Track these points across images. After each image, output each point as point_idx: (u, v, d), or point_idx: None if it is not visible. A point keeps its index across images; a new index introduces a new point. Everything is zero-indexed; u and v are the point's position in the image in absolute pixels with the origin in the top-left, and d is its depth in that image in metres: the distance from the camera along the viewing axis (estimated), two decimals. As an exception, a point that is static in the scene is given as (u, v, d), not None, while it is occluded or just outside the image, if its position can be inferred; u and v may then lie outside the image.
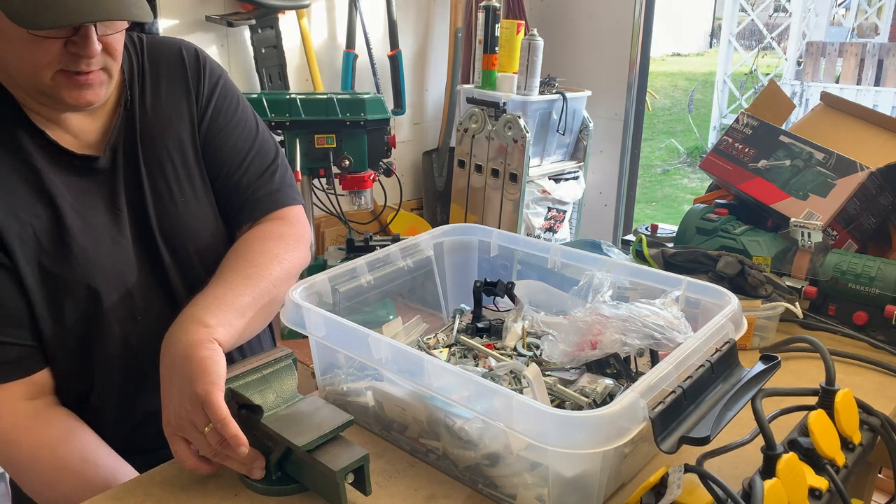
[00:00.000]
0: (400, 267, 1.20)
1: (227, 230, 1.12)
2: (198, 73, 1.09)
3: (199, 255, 1.08)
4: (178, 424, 0.84)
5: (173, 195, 1.05)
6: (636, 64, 3.11)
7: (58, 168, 0.96)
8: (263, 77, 2.60)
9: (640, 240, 1.46)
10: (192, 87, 1.08)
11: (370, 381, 1.02)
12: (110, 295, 0.98)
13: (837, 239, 1.45)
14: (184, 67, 1.08)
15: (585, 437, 0.75)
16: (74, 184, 0.97)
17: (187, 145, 1.07)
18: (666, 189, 7.07)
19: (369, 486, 0.85)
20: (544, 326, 1.12)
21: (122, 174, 1.02)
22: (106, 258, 0.98)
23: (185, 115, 1.07)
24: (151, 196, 1.03)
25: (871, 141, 1.54)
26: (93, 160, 0.99)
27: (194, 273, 1.07)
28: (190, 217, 1.06)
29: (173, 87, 1.07)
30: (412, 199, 3.34)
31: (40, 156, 0.95)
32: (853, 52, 7.31)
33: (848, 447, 0.92)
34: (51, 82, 0.88)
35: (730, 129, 1.60)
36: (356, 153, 2.30)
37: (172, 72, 1.07)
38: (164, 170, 1.05)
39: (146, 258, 1.03)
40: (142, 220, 1.03)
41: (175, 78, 1.07)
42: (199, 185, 1.08)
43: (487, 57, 2.92)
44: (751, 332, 1.25)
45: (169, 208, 1.05)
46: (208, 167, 1.09)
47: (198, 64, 1.09)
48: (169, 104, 1.07)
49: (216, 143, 1.09)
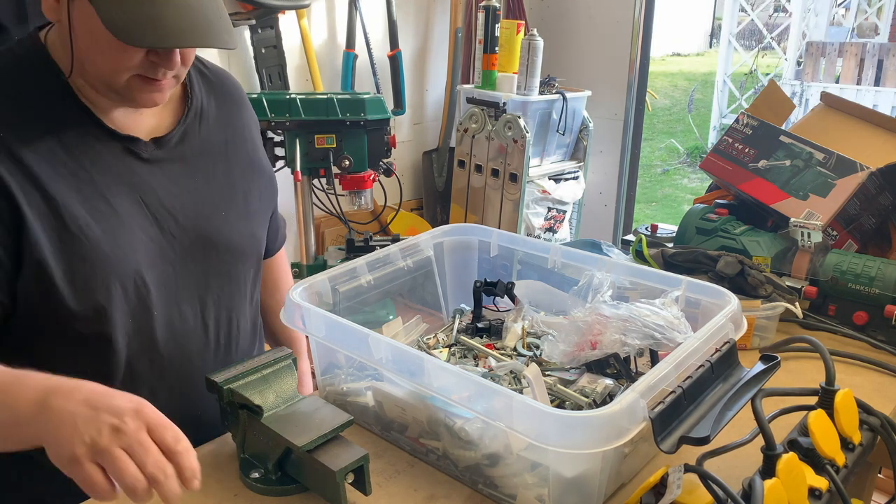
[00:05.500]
0: (400, 267, 1.20)
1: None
2: (252, 110, 1.20)
3: (228, 265, 1.09)
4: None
5: (217, 205, 1.07)
6: (636, 64, 3.11)
7: (99, 148, 0.96)
8: (263, 77, 2.60)
9: (640, 240, 1.46)
10: (251, 121, 1.19)
11: (370, 381, 1.02)
12: (124, 283, 0.96)
13: (837, 239, 1.45)
14: (244, 98, 1.19)
15: (585, 437, 0.75)
16: (110, 165, 0.97)
17: (245, 166, 1.13)
18: (666, 189, 7.07)
19: (369, 486, 0.85)
20: (544, 326, 1.12)
21: (165, 168, 1.02)
22: (125, 245, 0.97)
23: (248, 141, 1.16)
24: (193, 197, 1.04)
25: (871, 141, 1.54)
26: (137, 144, 0.99)
27: (219, 282, 1.08)
28: (228, 229, 1.08)
29: (240, 111, 1.16)
30: (412, 199, 3.34)
31: (85, 134, 0.95)
32: (853, 52, 7.31)
33: (848, 447, 0.92)
34: (125, 84, 0.91)
35: (730, 129, 1.61)
36: (356, 153, 2.30)
37: (238, 97, 1.17)
38: (212, 180, 1.07)
39: (169, 254, 1.02)
40: (175, 214, 1.03)
41: (241, 104, 1.17)
42: (243, 206, 1.11)
43: (487, 57, 2.92)
44: (751, 332, 1.25)
45: (212, 214, 1.06)
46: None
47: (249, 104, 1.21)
48: (236, 122, 1.14)
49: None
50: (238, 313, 1.12)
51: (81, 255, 0.92)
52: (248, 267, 1.13)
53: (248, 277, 1.14)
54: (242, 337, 1.14)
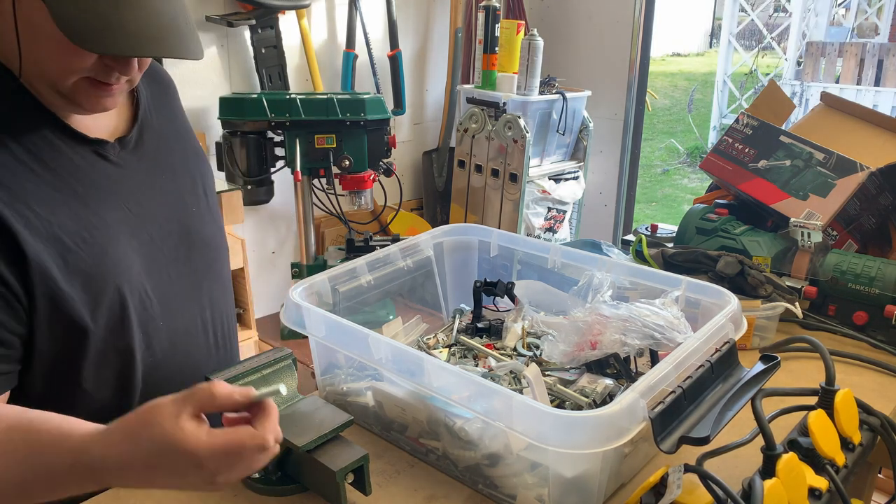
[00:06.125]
0: (400, 267, 1.20)
1: None
2: (175, 89, 1.12)
3: (209, 262, 1.07)
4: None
5: (186, 201, 1.04)
6: (636, 64, 3.11)
7: (72, 155, 0.90)
8: (263, 77, 2.60)
9: (640, 240, 1.46)
10: (180, 103, 1.11)
11: (370, 381, 1.02)
12: (136, 291, 0.93)
13: (837, 239, 1.45)
14: (170, 79, 1.11)
15: (585, 437, 0.75)
16: (87, 173, 0.91)
17: (192, 155, 1.09)
18: (666, 189, 7.06)
19: (369, 486, 0.85)
20: (544, 326, 1.12)
21: (135, 170, 0.98)
22: (123, 257, 0.93)
23: (188, 129, 1.10)
24: (171, 195, 1.02)
25: (871, 141, 1.54)
26: (105, 147, 0.94)
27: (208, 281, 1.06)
28: (200, 223, 1.05)
29: (172, 95, 1.09)
30: (412, 199, 3.34)
31: (53, 141, 0.88)
32: (853, 52, 7.31)
33: (848, 447, 0.92)
34: (72, 86, 0.84)
35: (730, 130, 1.61)
36: (356, 153, 2.30)
37: (166, 79, 1.10)
38: (176, 175, 1.03)
39: (160, 259, 0.99)
40: (156, 217, 0.99)
41: (169, 86, 1.10)
42: (203, 197, 1.07)
43: (487, 57, 2.92)
44: (751, 332, 1.25)
45: (184, 211, 1.03)
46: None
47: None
48: (175, 108, 1.09)
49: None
50: (228, 309, 1.11)
51: (88, 272, 0.87)
52: (224, 260, 1.11)
53: (227, 271, 1.12)
54: (233, 333, 1.13)
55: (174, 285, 0.99)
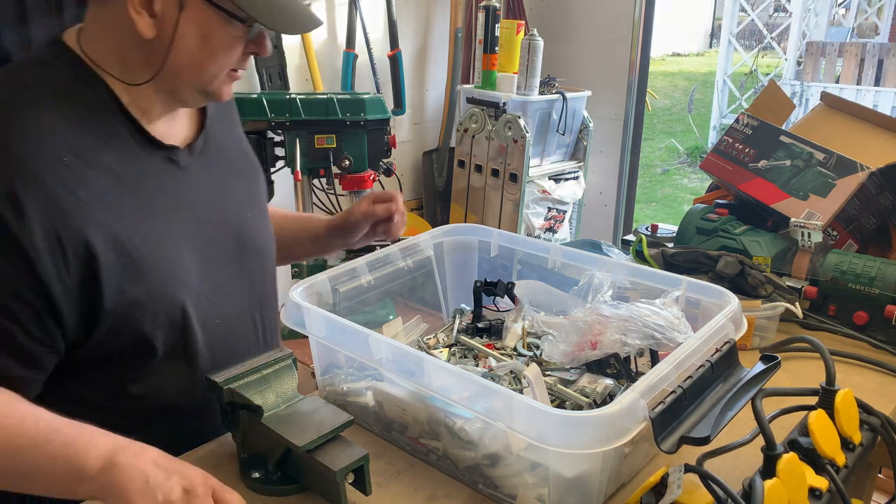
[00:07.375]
0: (400, 267, 1.20)
1: None
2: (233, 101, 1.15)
3: (261, 265, 1.11)
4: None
5: (242, 206, 1.08)
6: (636, 64, 3.11)
7: (145, 159, 0.94)
8: (263, 77, 2.60)
9: (640, 240, 1.46)
10: (237, 114, 1.17)
11: (370, 381, 1.02)
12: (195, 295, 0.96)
13: (837, 239, 1.45)
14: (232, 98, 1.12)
15: (585, 438, 0.75)
16: (157, 178, 0.95)
17: (248, 163, 1.14)
18: (666, 189, 7.06)
19: (369, 486, 0.85)
20: (544, 326, 1.12)
21: (199, 175, 1.01)
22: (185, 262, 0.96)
23: (242, 138, 1.16)
24: (229, 202, 1.05)
25: (871, 141, 1.54)
26: (176, 153, 0.98)
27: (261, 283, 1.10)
28: (253, 229, 1.09)
29: (233, 112, 1.16)
30: (412, 199, 3.34)
31: (133, 146, 0.93)
32: (853, 52, 7.31)
33: (848, 447, 0.92)
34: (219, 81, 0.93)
35: (730, 129, 1.61)
36: (356, 153, 2.30)
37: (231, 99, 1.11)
38: (234, 181, 1.08)
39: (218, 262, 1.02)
40: (216, 221, 1.02)
41: (231, 104, 1.15)
42: (257, 204, 1.12)
43: (487, 57, 2.92)
44: (751, 332, 1.25)
45: (240, 216, 1.07)
46: None
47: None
48: (233, 118, 1.15)
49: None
50: (275, 311, 1.15)
51: (147, 281, 0.89)
52: (273, 264, 1.15)
53: (275, 274, 1.16)
54: (277, 332, 1.16)
55: (229, 286, 1.03)
